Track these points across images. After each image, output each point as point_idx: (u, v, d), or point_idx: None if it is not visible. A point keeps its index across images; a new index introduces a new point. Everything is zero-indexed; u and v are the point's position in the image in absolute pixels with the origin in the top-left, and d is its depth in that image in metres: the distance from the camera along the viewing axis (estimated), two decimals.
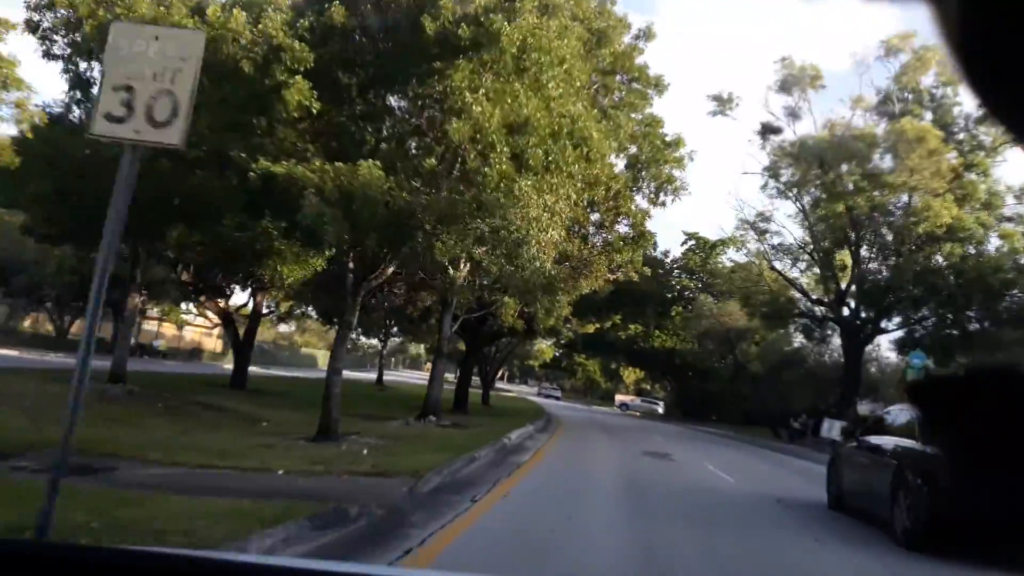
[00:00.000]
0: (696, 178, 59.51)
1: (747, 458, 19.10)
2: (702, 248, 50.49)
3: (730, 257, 42.42)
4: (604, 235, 18.39)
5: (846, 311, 26.72)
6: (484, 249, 10.40)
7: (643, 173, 16.68)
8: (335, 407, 11.56)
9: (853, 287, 25.92)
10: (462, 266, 17.86)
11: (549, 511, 7.24)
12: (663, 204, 17.02)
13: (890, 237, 24.61)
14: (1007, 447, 0.51)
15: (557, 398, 68.72)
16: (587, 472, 11.25)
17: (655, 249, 27.90)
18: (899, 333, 26.14)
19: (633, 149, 17.28)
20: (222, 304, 21.99)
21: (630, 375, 70.98)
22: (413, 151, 10.58)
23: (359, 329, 44.36)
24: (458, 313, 18.51)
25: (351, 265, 11.92)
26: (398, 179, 10.13)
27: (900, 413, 8.72)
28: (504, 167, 9.86)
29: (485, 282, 19.35)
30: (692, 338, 40.76)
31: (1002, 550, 5.31)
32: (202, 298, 21.89)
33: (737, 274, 30.85)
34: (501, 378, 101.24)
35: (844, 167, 23.67)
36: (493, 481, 8.78)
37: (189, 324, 54.65)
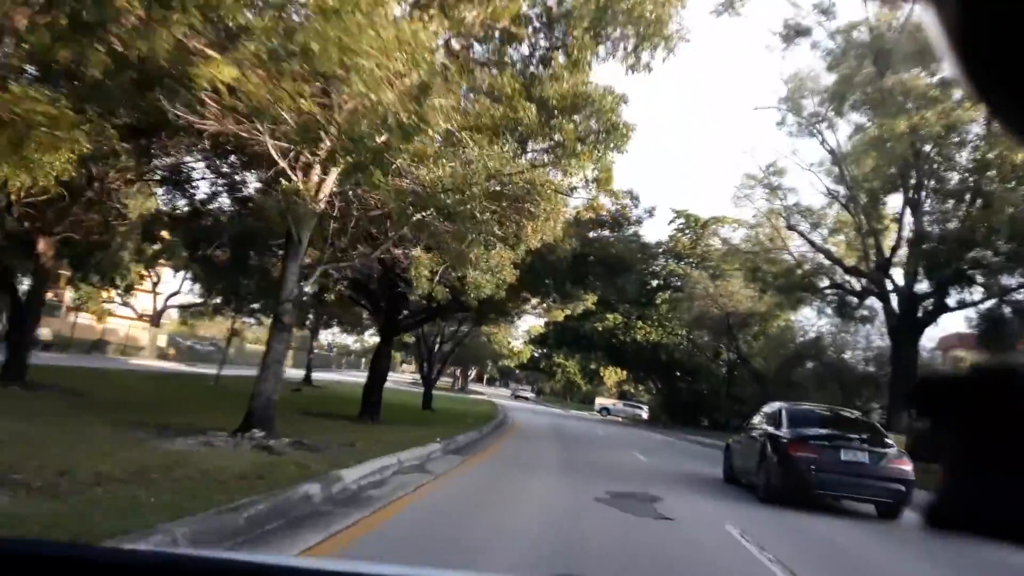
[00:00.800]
0: (693, 142, 52.63)
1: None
2: (692, 227, 43.71)
3: (725, 238, 35.48)
4: (554, 137, 11.26)
5: (894, 283, 19.73)
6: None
7: (614, 9, 9.55)
8: None
9: (904, 248, 19.01)
10: (313, 177, 10.68)
11: None
12: (648, 67, 9.97)
13: (956, 178, 17.69)
14: (1009, 449, 0.47)
15: (526, 399, 64.99)
16: None
17: (637, 205, 20.77)
18: (962, 310, 19.07)
19: None
20: None
21: (611, 376, 64.16)
22: None
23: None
24: (306, 267, 11.34)
25: None
26: None
27: (772, 408, 11.82)
28: None
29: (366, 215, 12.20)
30: (683, 325, 33.79)
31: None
32: None
33: (746, 242, 23.82)
34: (479, 380, 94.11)
35: (894, 81, 16.82)
36: None
37: (113, 315, 48.06)
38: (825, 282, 21.51)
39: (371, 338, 68.66)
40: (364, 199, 11.86)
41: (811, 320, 28.37)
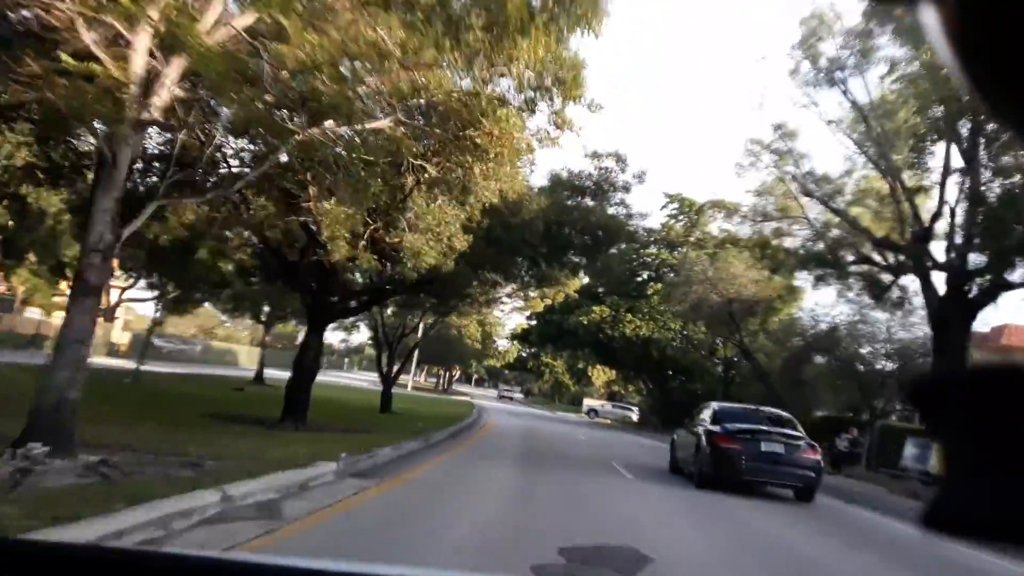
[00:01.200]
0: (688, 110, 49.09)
1: (808, 535, 8.67)
2: (686, 212, 40.21)
3: (722, 226, 31.83)
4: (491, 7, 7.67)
5: (932, 258, 16.19)
6: None
7: None
8: None
9: (947, 216, 15.54)
10: (136, 62, 7.08)
11: None
12: None
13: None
14: (1009, 449, 0.48)
15: (510, 399, 62.87)
16: None
17: (625, 170, 17.12)
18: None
19: None
20: None
21: (599, 376, 60.65)
22: None
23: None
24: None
25: None
26: None
27: (708, 406, 13.13)
28: None
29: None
30: (677, 316, 30.23)
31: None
32: None
33: (753, 212, 20.33)
34: (468, 381, 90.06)
35: None
36: None
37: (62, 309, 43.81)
38: (851, 257, 17.98)
39: (355, 336, 64.63)
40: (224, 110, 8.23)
41: (824, 309, 24.85)
